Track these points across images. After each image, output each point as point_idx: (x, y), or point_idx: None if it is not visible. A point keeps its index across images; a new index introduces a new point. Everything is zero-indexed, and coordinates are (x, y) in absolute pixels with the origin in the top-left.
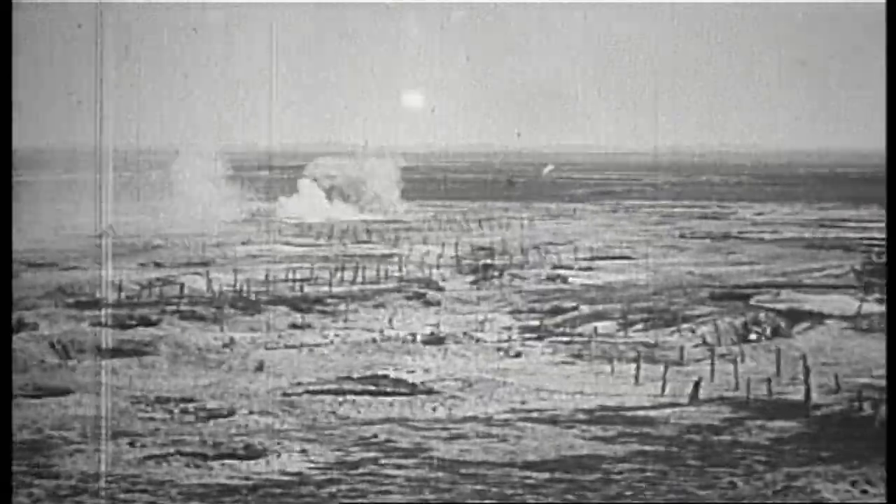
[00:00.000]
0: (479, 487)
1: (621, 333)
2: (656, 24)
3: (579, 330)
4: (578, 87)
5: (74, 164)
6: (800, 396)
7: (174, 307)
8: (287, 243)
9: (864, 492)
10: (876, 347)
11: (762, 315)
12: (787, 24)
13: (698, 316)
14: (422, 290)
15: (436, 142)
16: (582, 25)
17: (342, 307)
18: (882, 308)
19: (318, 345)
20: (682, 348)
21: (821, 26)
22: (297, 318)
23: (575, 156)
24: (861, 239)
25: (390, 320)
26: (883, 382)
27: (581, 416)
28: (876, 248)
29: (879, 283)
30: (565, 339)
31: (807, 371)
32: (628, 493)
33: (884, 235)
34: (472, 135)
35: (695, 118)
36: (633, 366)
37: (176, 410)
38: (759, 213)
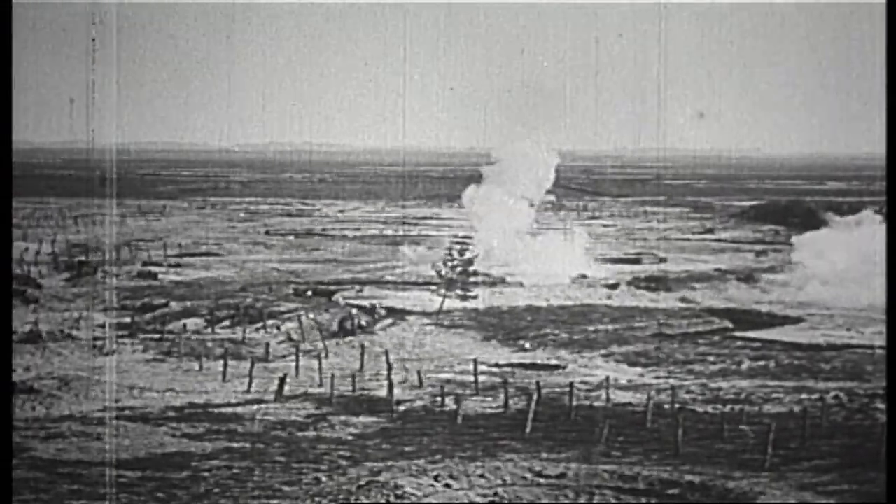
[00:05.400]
0: (74, 487)
1: (209, 330)
2: None
3: (169, 327)
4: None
5: None
6: (383, 392)
7: None
8: None
9: (448, 486)
10: (457, 343)
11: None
12: None
13: (283, 312)
14: (21, 287)
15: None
16: None
17: None
18: (464, 304)
19: None
20: (267, 345)
21: None
22: None
23: (168, 153)
24: (443, 237)
25: None
26: (464, 377)
27: (171, 414)
28: (458, 246)
29: (461, 280)
30: (156, 336)
31: (389, 367)
32: (216, 490)
33: (464, 233)
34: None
35: (266, 115)
36: (221, 363)
37: None
38: (342, 211)
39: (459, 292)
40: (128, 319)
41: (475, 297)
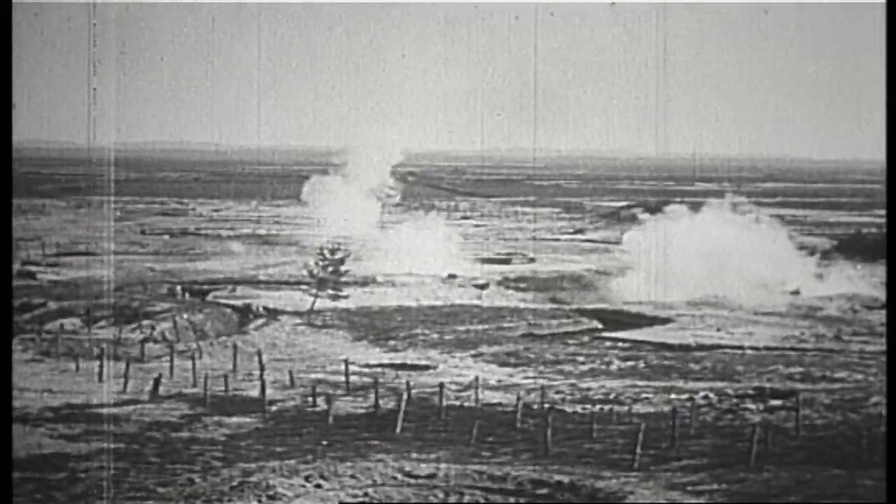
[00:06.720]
0: None
1: (86, 330)
2: None
3: (47, 327)
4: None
5: None
6: (255, 392)
7: None
8: None
9: (319, 486)
10: (329, 343)
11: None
12: None
13: (158, 312)
14: None
15: None
16: None
17: None
18: (335, 304)
19: None
20: (142, 344)
21: None
22: None
23: (48, 150)
24: (315, 236)
25: None
26: (335, 378)
27: (49, 415)
28: (329, 245)
29: (332, 280)
30: (34, 336)
31: (262, 367)
32: (94, 491)
33: (337, 232)
34: None
35: (150, 117)
36: (97, 363)
37: None
38: (217, 210)
39: (331, 292)
40: None
41: (347, 297)
